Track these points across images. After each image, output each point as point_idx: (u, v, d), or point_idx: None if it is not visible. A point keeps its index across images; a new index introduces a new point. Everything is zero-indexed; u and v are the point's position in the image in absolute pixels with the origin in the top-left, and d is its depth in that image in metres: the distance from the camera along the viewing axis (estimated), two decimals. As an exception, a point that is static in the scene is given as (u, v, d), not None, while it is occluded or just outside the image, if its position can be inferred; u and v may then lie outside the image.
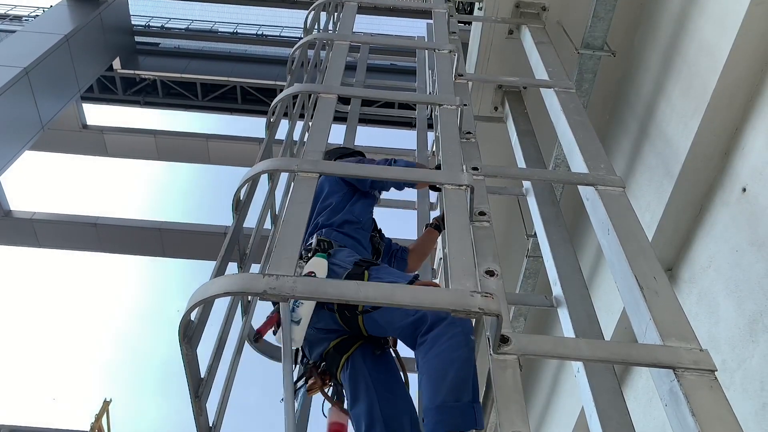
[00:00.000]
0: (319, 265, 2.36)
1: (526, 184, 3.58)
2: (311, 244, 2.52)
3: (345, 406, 2.39)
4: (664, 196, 3.45)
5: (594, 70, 3.88)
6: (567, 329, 2.71)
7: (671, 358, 1.61)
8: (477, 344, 1.82)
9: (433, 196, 4.66)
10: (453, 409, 1.81)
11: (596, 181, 2.36)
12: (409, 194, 4.74)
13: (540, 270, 4.40)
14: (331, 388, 2.44)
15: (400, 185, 2.96)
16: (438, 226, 3.19)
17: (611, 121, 4.47)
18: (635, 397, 3.69)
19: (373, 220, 2.94)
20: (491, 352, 1.62)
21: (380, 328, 2.30)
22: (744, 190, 3.02)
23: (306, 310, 2.20)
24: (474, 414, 1.82)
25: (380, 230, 2.98)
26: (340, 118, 4.38)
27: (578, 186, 2.53)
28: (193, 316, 1.55)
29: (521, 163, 3.60)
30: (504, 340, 1.62)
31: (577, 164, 2.59)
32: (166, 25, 15.58)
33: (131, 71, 14.48)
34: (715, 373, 1.59)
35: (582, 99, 3.85)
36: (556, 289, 2.88)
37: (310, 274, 2.33)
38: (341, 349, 2.36)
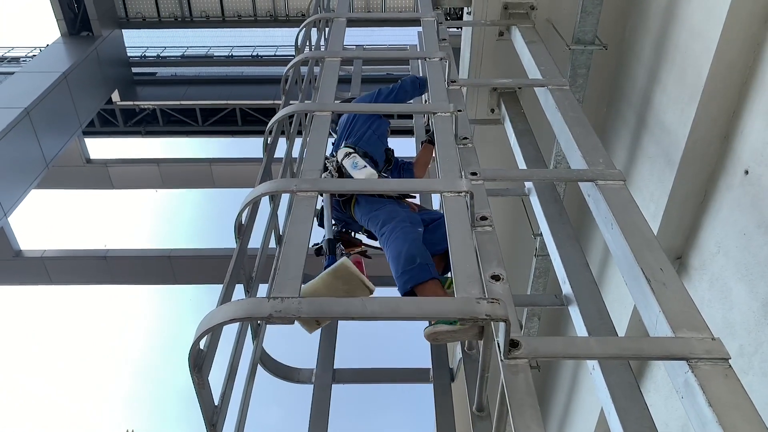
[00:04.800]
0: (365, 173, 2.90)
1: (528, 183, 3.57)
2: (334, 156, 3.06)
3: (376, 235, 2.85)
4: (667, 185, 3.44)
5: (587, 64, 3.88)
6: (579, 327, 2.69)
7: (683, 350, 1.60)
8: (488, 350, 1.80)
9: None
10: (411, 270, 2.45)
11: (596, 177, 2.35)
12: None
13: (550, 268, 4.38)
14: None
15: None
16: (432, 140, 3.53)
17: (609, 114, 4.47)
18: (656, 389, 3.65)
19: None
20: (502, 357, 1.61)
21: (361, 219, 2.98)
22: (746, 172, 3.00)
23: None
24: (429, 269, 2.43)
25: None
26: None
27: (579, 182, 2.53)
28: (202, 344, 1.55)
29: (521, 162, 3.59)
30: (514, 344, 1.61)
31: (576, 160, 2.59)
32: (161, 54, 15.69)
33: (130, 102, 14.56)
34: (729, 360, 1.57)
35: (577, 94, 3.85)
36: (566, 288, 2.86)
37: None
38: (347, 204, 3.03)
